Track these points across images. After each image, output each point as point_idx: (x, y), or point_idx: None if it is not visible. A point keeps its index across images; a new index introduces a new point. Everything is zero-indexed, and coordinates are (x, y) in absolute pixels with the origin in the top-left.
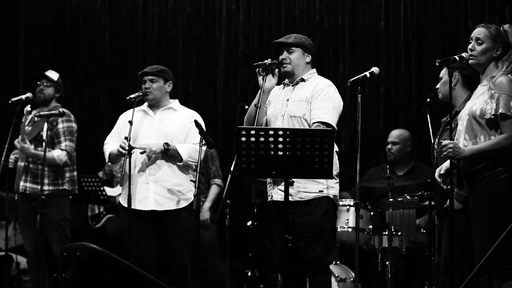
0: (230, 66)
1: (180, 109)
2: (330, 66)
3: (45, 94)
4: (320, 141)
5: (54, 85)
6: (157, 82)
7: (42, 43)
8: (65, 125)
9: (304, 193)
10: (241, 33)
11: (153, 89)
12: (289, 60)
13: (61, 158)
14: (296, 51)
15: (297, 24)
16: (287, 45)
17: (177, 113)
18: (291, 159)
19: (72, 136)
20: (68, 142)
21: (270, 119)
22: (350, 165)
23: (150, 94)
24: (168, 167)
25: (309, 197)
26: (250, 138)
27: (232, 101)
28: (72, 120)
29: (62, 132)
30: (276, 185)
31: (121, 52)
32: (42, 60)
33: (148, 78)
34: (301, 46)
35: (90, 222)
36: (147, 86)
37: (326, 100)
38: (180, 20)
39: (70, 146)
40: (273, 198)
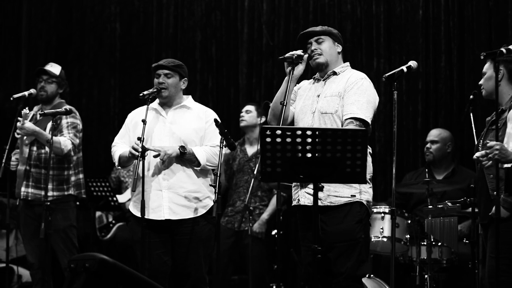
0: (253, 59)
1: (194, 107)
2: (363, 59)
3: (47, 91)
4: (352, 142)
5: (56, 80)
6: (173, 77)
7: (46, 35)
8: (69, 120)
9: (334, 197)
10: (265, 23)
11: (168, 85)
12: (320, 51)
13: (67, 145)
14: (325, 40)
15: (326, 13)
16: (316, 34)
17: (191, 112)
18: (321, 162)
19: (76, 131)
20: (72, 135)
21: (298, 116)
22: (385, 169)
23: (165, 91)
24: (184, 172)
25: (340, 202)
26: (276, 138)
27: (255, 98)
28: (78, 117)
29: (66, 127)
30: (303, 188)
31: (133, 44)
32: (46, 54)
33: (163, 72)
34: (330, 35)
35: (99, 234)
36: (161, 81)
37: (360, 94)
38: (198, 9)
39: (74, 140)
40: (300, 202)
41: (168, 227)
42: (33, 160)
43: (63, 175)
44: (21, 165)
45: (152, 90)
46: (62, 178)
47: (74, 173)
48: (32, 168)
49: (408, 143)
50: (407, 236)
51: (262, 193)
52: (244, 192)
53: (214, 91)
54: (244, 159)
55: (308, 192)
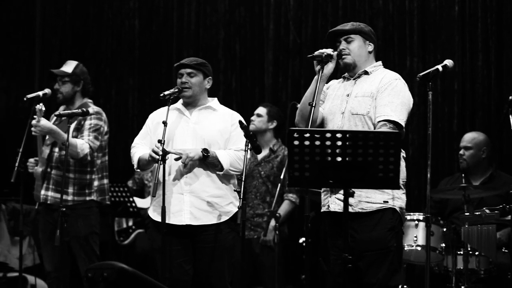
0: (279, 58)
1: (219, 109)
2: (396, 58)
3: (62, 93)
4: (385, 145)
5: (69, 78)
6: (196, 76)
7: (61, 32)
8: (92, 122)
9: (366, 203)
10: (292, 19)
11: (192, 84)
12: (348, 51)
13: (83, 149)
14: (355, 39)
15: (356, 9)
16: (344, 33)
17: (217, 114)
18: (352, 166)
19: (97, 134)
20: (92, 137)
21: (327, 117)
22: (418, 174)
23: (188, 90)
24: (207, 176)
25: (372, 208)
26: (304, 141)
27: (282, 99)
28: (103, 119)
29: (88, 128)
30: (333, 193)
31: (153, 42)
32: (61, 52)
33: (186, 72)
34: (360, 33)
35: (117, 238)
36: (184, 80)
37: (393, 95)
38: (221, 5)
39: (93, 143)
40: (329, 208)
41: (189, 233)
42: (54, 162)
43: (85, 179)
44: (40, 167)
45: (173, 90)
46: (84, 182)
47: (97, 178)
48: (52, 170)
49: (443, 146)
50: (443, 244)
51: (271, 198)
52: (252, 197)
53: (238, 92)
54: (254, 163)
55: (339, 198)
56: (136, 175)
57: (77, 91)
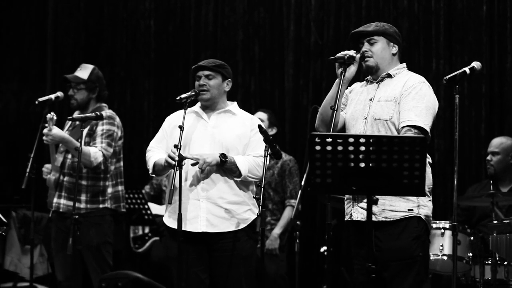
0: (300, 60)
1: (239, 113)
2: (421, 60)
3: (77, 99)
4: (410, 150)
5: (85, 85)
6: (215, 78)
7: (74, 32)
8: (105, 127)
9: (390, 211)
10: (314, 20)
11: (210, 87)
12: (371, 53)
13: (97, 157)
14: (378, 41)
15: (380, 9)
16: (367, 34)
17: (236, 118)
18: (375, 173)
19: (111, 141)
20: (105, 145)
21: (349, 122)
22: (445, 180)
23: (206, 93)
24: (225, 183)
25: (397, 217)
26: (326, 146)
27: (302, 102)
28: (116, 124)
29: (100, 135)
30: (356, 202)
31: (169, 43)
32: (74, 53)
33: (204, 74)
34: (384, 34)
35: (132, 245)
36: (202, 82)
37: (418, 100)
38: (240, 5)
39: (107, 150)
40: (352, 217)
41: (205, 241)
42: (67, 169)
43: (99, 186)
44: (53, 174)
45: (190, 93)
46: (97, 190)
47: (111, 184)
48: (65, 177)
49: (471, 152)
50: (470, 254)
51: (273, 206)
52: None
53: (257, 95)
54: None
55: (362, 206)
56: (153, 180)
57: (92, 98)
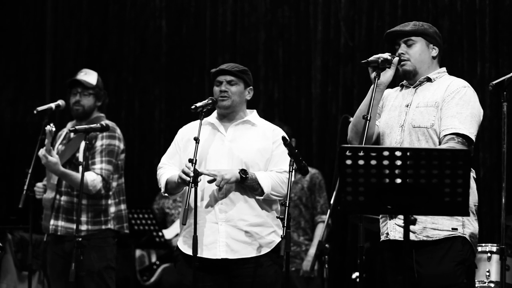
0: (328, 64)
1: (259, 123)
2: (464, 64)
3: (83, 106)
4: (452, 165)
5: (93, 91)
6: (237, 85)
7: (75, 34)
8: (105, 142)
9: (432, 230)
10: (343, 20)
11: (231, 94)
12: (408, 56)
13: (95, 185)
14: (417, 42)
15: (418, 7)
16: (405, 34)
17: (256, 129)
18: (413, 190)
19: (111, 157)
20: (106, 164)
21: (384, 131)
22: (491, 198)
23: (227, 100)
24: (245, 202)
25: (439, 236)
26: (358, 161)
27: (331, 111)
28: (117, 136)
29: (99, 151)
30: (393, 219)
31: (182, 46)
32: (76, 57)
33: (226, 79)
34: (423, 35)
35: (140, 277)
36: (224, 88)
37: (462, 105)
38: (262, 3)
39: (107, 171)
40: (389, 236)
41: (225, 268)
42: (64, 187)
43: (100, 205)
44: (48, 193)
45: (207, 102)
46: (99, 209)
47: (114, 203)
48: (62, 197)
49: None
50: None
51: (305, 224)
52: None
53: (281, 103)
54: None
55: (399, 224)
56: (155, 205)
57: (96, 106)
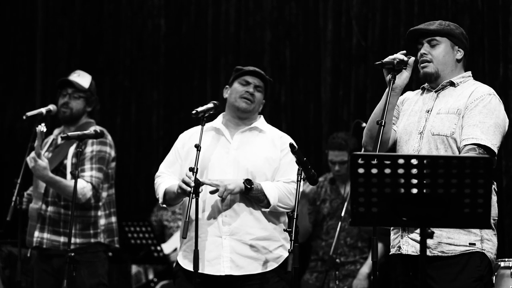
0: (339, 66)
1: (267, 130)
2: (485, 65)
3: (71, 108)
4: (472, 173)
5: (85, 94)
6: (261, 93)
7: (68, 34)
8: (95, 148)
9: (448, 245)
10: (356, 18)
11: (256, 100)
12: (430, 57)
13: (85, 193)
14: (441, 43)
15: (437, 5)
16: (429, 34)
17: (264, 136)
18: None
19: (102, 165)
20: (96, 172)
21: (402, 137)
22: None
23: (251, 104)
24: (250, 214)
25: (455, 252)
26: (371, 169)
27: (342, 116)
28: (108, 143)
29: (89, 158)
30: (406, 232)
31: (182, 47)
32: (69, 58)
33: (255, 83)
34: (448, 35)
35: None
36: (252, 91)
37: (486, 114)
38: (268, 0)
39: (98, 179)
40: (401, 250)
41: (228, 284)
42: (51, 197)
43: (89, 217)
44: (34, 203)
45: (209, 106)
46: (88, 221)
47: (104, 215)
48: (49, 207)
49: None
50: None
51: (362, 243)
52: (341, 243)
53: (288, 108)
54: (338, 200)
55: (414, 238)
56: (153, 217)
57: (86, 111)
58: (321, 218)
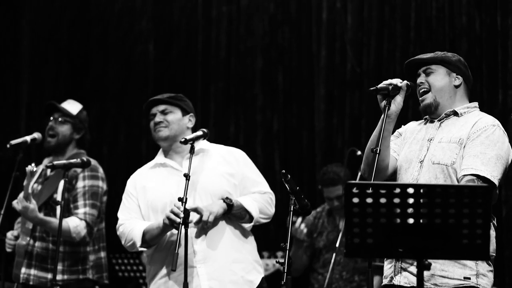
0: (333, 92)
1: (213, 149)
2: (483, 91)
3: (58, 134)
4: (471, 203)
5: (72, 121)
6: (173, 113)
7: (54, 58)
8: (87, 183)
9: (441, 278)
10: (350, 43)
11: (169, 123)
12: (427, 85)
13: (79, 231)
14: (436, 70)
15: (433, 29)
16: (424, 63)
17: (212, 155)
18: (427, 231)
19: (96, 201)
20: (90, 208)
21: (402, 166)
22: None
23: (164, 129)
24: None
25: (449, 285)
26: (366, 198)
27: (337, 145)
28: (100, 176)
29: (82, 194)
30: (400, 262)
31: (172, 72)
32: (56, 83)
33: (159, 110)
34: (443, 62)
35: None
36: (158, 120)
37: (488, 145)
38: (260, 24)
39: (92, 215)
40: (393, 281)
41: None
42: (39, 232)
43: (78, 253)
44: (22, 239)
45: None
46: (77, 257)
47: (93, 250)
48: (36, 242)
49: None
50: None
51: (359, 276)
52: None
53: (281, 136)
54: (334, 233)
55: (408, 269)
56: None
57: (74, 139)
58: (318, 251)
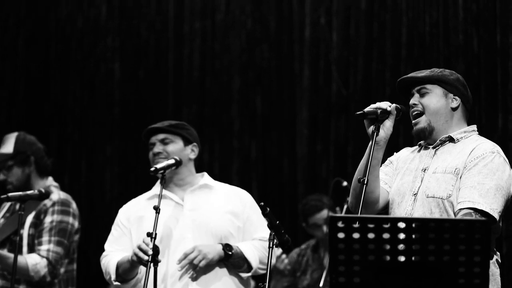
0: (317, 116)
1: (217, 186)
2: (482, 115)
3: (12, 182)
4: (467, 239)
5: (13, 160)
6: (174, 143)
7: (9, 80)
8: (55, 218)
9: None
10: (336, 62)
11: (169, 154)
12: (421, 107)
13: (38, 270)
14: (431, 91)
15: (427, 46)
16: (418, 82)
17: (216, 193)
18: (420, 269)
19: (63, 238)
20: (54, 246)
21: (394, 199)
22: None
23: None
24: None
25: None
26: (352, 233)
27: (321, 174)
28: (71, 212)
29: (48, 229)
30: None
31: (139, 94)
32: (9, 109)
33: (159, 139)
34: (440, 82)
35: None
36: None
37: (486, 174)
38: (236, 41)
39: (56, 254)
40: None
41: None
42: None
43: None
44: None
45: (169, 162)
46: None
47: None
48: None
49: None
50: None
51: None
52: None
53: (260, 164)
54: (319, 271)
55: None
56: None
57: (30, 172)
58: None
